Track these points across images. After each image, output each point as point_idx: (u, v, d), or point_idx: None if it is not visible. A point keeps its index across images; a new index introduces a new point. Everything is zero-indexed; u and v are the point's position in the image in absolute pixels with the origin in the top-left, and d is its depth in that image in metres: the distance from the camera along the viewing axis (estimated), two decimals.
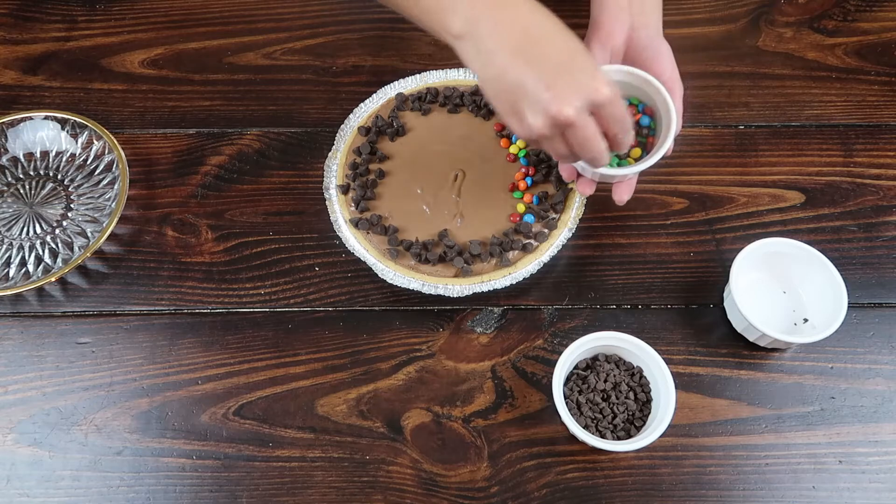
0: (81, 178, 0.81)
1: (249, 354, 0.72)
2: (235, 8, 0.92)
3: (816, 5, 0.90)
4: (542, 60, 0.56)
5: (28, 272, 0.75)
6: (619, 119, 0.58)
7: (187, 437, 0.68)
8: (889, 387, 0.69)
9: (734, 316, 0.70)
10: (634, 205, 0.78)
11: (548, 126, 0.56)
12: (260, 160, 0.82)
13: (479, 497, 0.65)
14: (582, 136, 0.57)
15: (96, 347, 0.72)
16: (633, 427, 0.65)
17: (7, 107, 0.85)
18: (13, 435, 0.69)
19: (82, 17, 0.92)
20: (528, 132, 0.58)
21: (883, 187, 0.78)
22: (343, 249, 0.75)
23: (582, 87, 0.55)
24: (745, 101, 0.84)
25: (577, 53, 0.57)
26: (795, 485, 0.65)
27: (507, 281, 0.71)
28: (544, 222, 0.73)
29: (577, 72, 0.56)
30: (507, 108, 0.58)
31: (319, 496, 0.66)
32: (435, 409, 0.69)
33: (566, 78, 0.55)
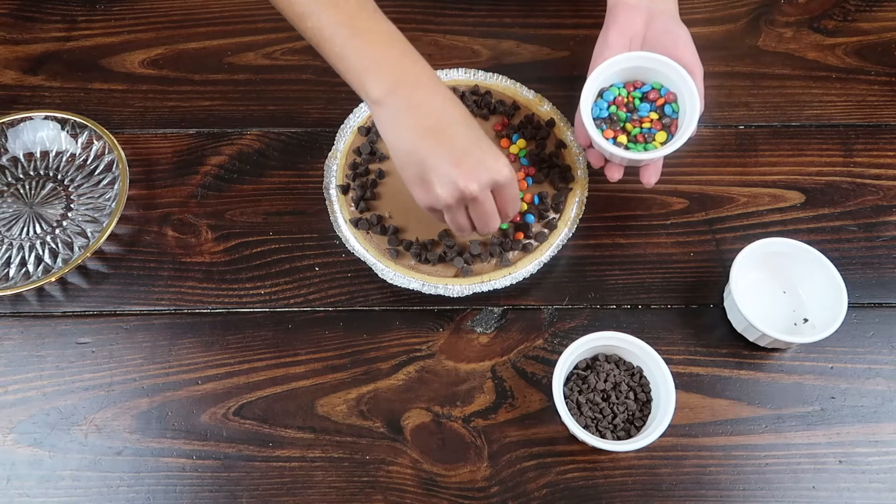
0: (81, 178, 0.81)
1: (249, 354, 0.72)
2: (235, 8, 0.92)
3: (816, 5, 0.90)
4: (452, 142, 0.61)
5: (28, 272, 0.75)
6: (513, 199, 0.64)
7: (187, 437, 0.68)
8: (889, 387, 0.69)
9: (734, 316, 0.70)
10: (634, 205, 0.78)
11: (454, 198, 0.61)
12: (260, 160, 0.82)
13: (479, 497, 0.65)
14: (482, 210, 0.62)
15: (96, 347, 0.72)
16: (633, 427, 0.65)
17: (7, 107, 0.85)
18: (13, 435, 0.69)
19: (82, 17, 0.92)
20: (434, 201, 0.62)
21: (883, 187, 0.78)
22: (343, 249, 0.75)
23: (488, 168, 0.61)
24: (745, 101, 0.84)
25: (482, 139, 0.62)
26: (795, 485, 0.65)
27: (507, 281, 0.71)
28: (544, 222, 0.73)
29: (484, 154, 0.61)
30: (415, 178, 0.62)
31: (319, 496, 0.66)
32: (435, 409, 0.69)
33: (474, 158, 0.61)
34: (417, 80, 0.62)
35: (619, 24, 0.69)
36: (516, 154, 0.77)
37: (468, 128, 0.62)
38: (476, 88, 0.81)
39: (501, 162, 0.61)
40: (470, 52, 0.88)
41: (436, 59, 0.87)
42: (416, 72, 0.63)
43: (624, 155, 0.67)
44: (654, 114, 0.70)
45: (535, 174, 0.76)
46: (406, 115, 0.61)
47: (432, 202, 0.63)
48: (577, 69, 0.75)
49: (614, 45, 0.69)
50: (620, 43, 0.69)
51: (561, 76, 0.84)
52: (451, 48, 0.88)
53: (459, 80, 0.82)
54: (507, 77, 0.82)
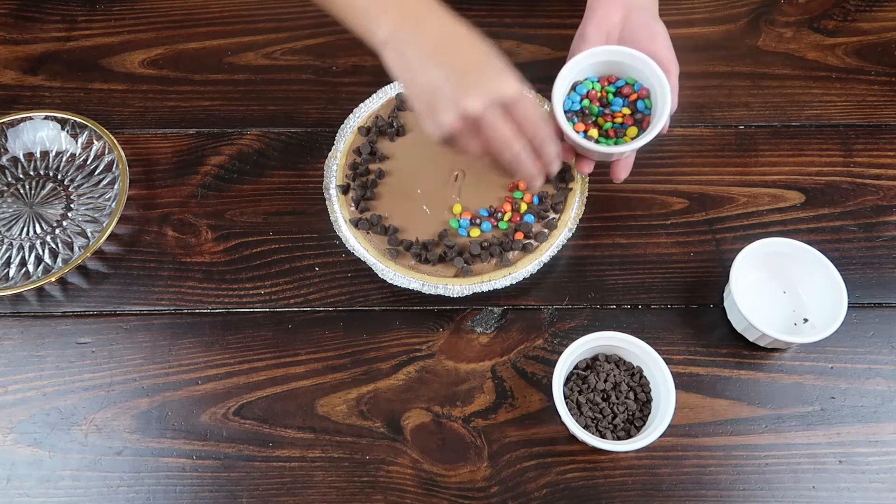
0: (81, 178, 0.81)
1: (249, 354, 0.72)
2: (235, 8, 0.92)
3: (816, 5, 0.90)
4: (454, 63, 0.59)
5: (28, 272, 0.75)
6: (530, 118, 0.60)
7: (187, 437, 0.68)
8: (889, 387, 0.69)
9: (734, 316, 0.70)
10: (634, 205, 0.78)
11: (457, 120, 0.58)
12: (260, 160, 0.82)
13: (479, 497, 0.65)
14: (492, 133, 0.59)
15: (96, 347, 0.72)
16: (633, 427, 0.65)
17: (7, 107, 0.85)
18: (13, 435, 0.69)
19: (82, 17, 0.92)
20: (440, 129, 0.60)
21: (883, 187, 0.78)
22: (343, 249, 0.75)
23: (487, 84, 0.58)
24: (745, 101, 0.84)
25: (487, 58, 0.60)
26: (795, 485, 0.65)
27: (507, 281, 0.71)
28: (544, 222, 0.73)
29: (484, 72, 0.59)
30: (423, 107, 0.60)
31: (319, 496, 0.66)
32: (435, 409, 0.69)
33: (473, 77, 0.58)
34: (418, 13, 0.61)
35: (597, 18, 0.69)
36: None
37: (472, 48, 0.60)
38: None
39: (505, 77, 0.59)
40: None
41: None
42: (416, 6, 0.62)
43: (594, 148, 0.67)
44: (627, 109, 0.69)
45: None
46: (410, 47, 0.60)
47: (440, 132, 0.60)
48: None
49: (591, 39, 0.69)
50: (597, 37, 0.69)
51: None
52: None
53: None
54: None
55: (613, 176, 0.70)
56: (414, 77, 0.60)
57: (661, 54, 0.67)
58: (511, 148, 0.60)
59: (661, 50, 0.68)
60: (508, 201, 0.74)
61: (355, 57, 0.88)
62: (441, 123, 0.59)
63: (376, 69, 0.86)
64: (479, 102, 0.57)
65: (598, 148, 0.67)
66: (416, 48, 0.60)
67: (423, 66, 0.59)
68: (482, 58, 0.60)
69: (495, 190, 0.75)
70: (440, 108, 0.59)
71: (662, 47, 0.68)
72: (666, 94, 0.66)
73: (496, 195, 0.75)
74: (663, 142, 0.81)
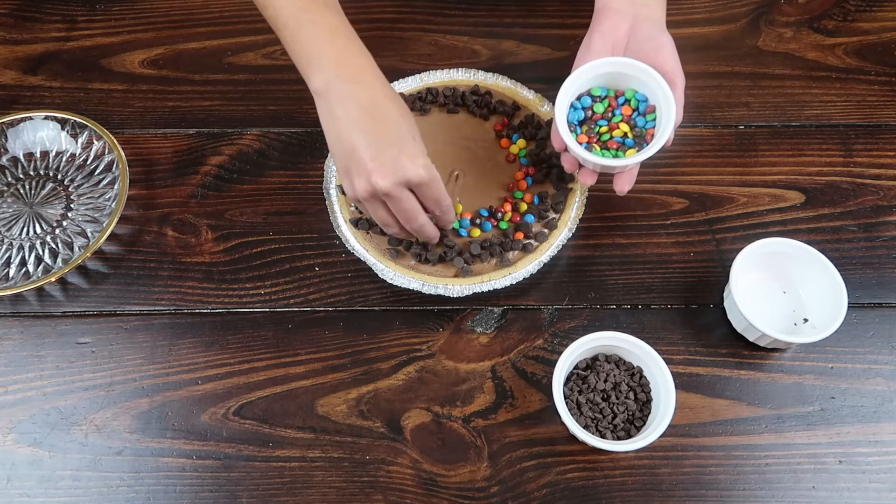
0: (81, 178, 0.81)
1: (249, 354, 0.72)
2: (235, 8, 0.92)
3: (816, 5, 0.90)
4: (376, 135, 0.63)
5: (28, 272, 0.75)
6: (434, 200, 0.65)
7: (187, 437, 0.68)
8: (889, 387, 0.69)
9: (734, 316, 0.70)
10: (634, 205, 0.78)
11: (368, 192, 0.63)
12: (260, 160, 0.82)
13: (479, 497, 0.65)
14: (399, 206, 0.64)
15: (96, 347, 0.72)
16: (633, 427, 0.65)
17: (7, 107, 0.85)
18: (13, 435, 0.69)
19: (82, 17, 0.92)
20: (352, 193, 0.64)
21: (883, 187, 0.78)
22: (343, 249, 0.75)
23: (402, 166, 0.61)
24: (745, 101, 0.84)
25: (407, 136, 0.63)
26: (795, 485, 0.65)
27: (507, 281, 0.71)
28: (544, 222, 0.73)
29: (401, 152, 0.62)
30: (342, 167, 0.65)
31: (319, 496, 0.66)
32: (435, 409, 0.69)
33: (390, 154, 0.62)
34: (355, 73, 0.64)
35: (603, 29, 0.68)
36: (516, 154, 0.77)
37: (396, 123, 0.63)
38: (476, 88, 0.81)
39: (418, 162, 0.62)
40: (470, 52, 0.88)
41: (436, 59, 0.87)
42: (354, 65, 0.65)
43: (596, 160, 0.66)
44: (626, 125, 0.68)
45: (535, 174, 0.76)
46: (339, 106, 0.63)
47: (351, 194, 0.65)
48: None
49: (596, 50, 0.68)
50: (603, 47, 0.68)
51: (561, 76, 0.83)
52: (451, 48, 0.88)
53: (459, 80, 0.82)
54: (507, 77, 0.81)
55: (616, 188, 0.69)
56: (338, 136, 0.64)
57: (668, 67, 0.66)
58: (412, 221, 0.65)
59: (667, 63, 0.67)
60: (508, 201, 0.74)
61: None
62: (354, 188, 0.64)
63: None
64: (387, 182, 0.61)
65: (602, 160, 0.66)
66: (345, 108, 0.63)
67: (347, 128, 0.63)
68: (402, 135, 0.63)
69: (495, 190, 0.75)
70: (355, 175, 0.63)
71: (669, 60, 0.67)
72: (671, 107, 0.65)
73: (496, 195, 0.75)
74: None
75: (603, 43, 0.68)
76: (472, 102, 0.80)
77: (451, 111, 0.80)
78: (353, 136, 0.63)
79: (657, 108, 0.68)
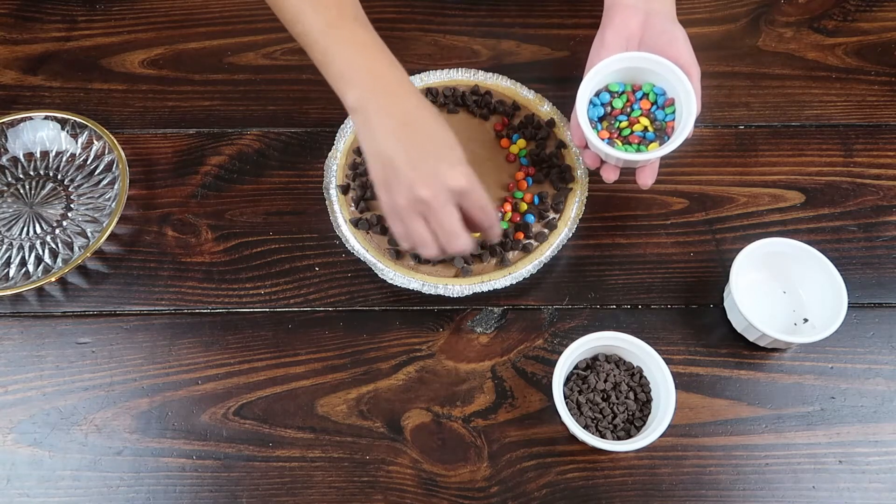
0: (81, 178, 0.81)
1: (249, 354, 0.72)
2: (235, 8, 0.92)
3: (816, 5, 0.90)
4: (415, 145, 0.62)
5: (28, 272, 0.75)
6: (479, 207, 0.63)
7: (187, 437, 0.68)
8: (889, 387, 0.69)
9: (734, 316, 0.70)
10: (634, 205, 0.78)
11: (409, 202, 0.61)
12: (260, 160, 0.82)
13: (479, 497, 0.65)
14: (438, 220, 0.61)
15: (96, 347, 0.72)
16: (633, 427, 0.65)
17: (7, 107, 0.85)
18: (13, 435, 0.69)
19: (82, 17, 0.92)
20: (392, 205, 0.63)
21: (883, 187, 0.78)
22: (343, 249, 0.75)
23: (441, 175, 0.61)
24: (745, 101, 0.84)
25: (446, 145, 0.63)
26: (795, 485, 0.65)
27: (507, 281, 0.71)
28: (544, 222, 0.73)
29: (442, 160, 0.61)
30: (380, 181, 0.63)
31: (319, 496, 0.66)
32: (435, 409, 0.69)
33: (431, 163, 0.61)
34: (389, 86, 0.64)
35: (616, 25, 0.69)
36: (516, 154, 0.77)
37: (434, 133, 0.63)
38: (476, 88, 0.81)
39: (459, 170, 0.61)
40: (470, 52, 0.88)
41: (436, 59, 0.87)
42: (387, 79, 0.64)
43: (619, 156, 0.67)
44: (646, 119, 0.69)
45: (535, 174, 0.76)
46: (376, 119, 0.63)
47: (390, 206, 0.63)
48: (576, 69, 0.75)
49: (611, 46, 0.69)
50: (617, 43, 0.69)
51: (561, 76, 0.84)
52: (451, 48, 0.88)
53: (459, 80, 0.82)
54: (507, 77, 0.81)
55: (640, 182, 0.69)
56: (376, 149, 0.63)
57: (683, 59, 0.67)
58: (453, 240, 0.62)
59: (682, 55, 0.68)
60: (508, 201, 0.74)
61: None
62: (393, 201, 0.62)
63: None
64: (429, 190, 0.60)
65: (624, 155, 0.66)
66: (382, 121, 0.63)
67: (386, 139, 0.62)
68: (440, 145, 0.62)
69: (495, 190, 0.75)
70: (395, 187, 0.62)
71: (683, 51, 0.68)
72: (691, 99, 0.66)
73: (496, 195, 0.75)
74: None
75: (616, 38, 0.68)
76: (471, 102, 0.80)
77: (451, 111, 0.80)
78: (391, 148, 0.62)
79: (676, 101, 0.68)
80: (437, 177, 0.61)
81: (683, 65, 0.67)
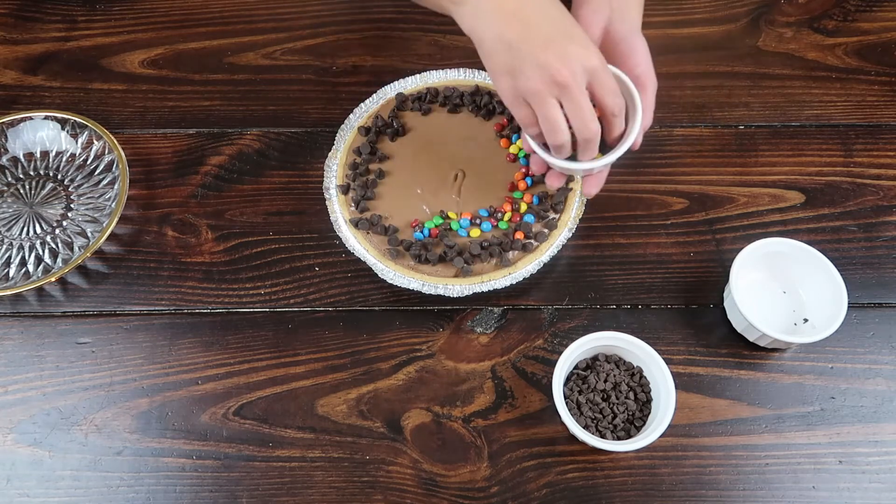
0: (81, 178, 0.81)
1: (249, 354, 0.72)
2: (235, 8, 0.92)
3: (816, 5, 0.90)
4: (539, 25, 0.58)
5: (28, 272, 0.75)
6: (611, 90, 0.60)
7: (187, 437, 0.68)
8: (889, 387, 0.69)
9: (734, 316, 0.70)
10: (634, 205, 0.78)
11: (544, 83, 0.58)
12: (260, 160, 0.82)
13: (479, 497, 0.65)
14: (576, 103, 0.58)
15: (96, 347, 0.72)
16: (633, 427, 0.65)
17: (7, 107, 0.85)
18: (13, 435, 0.69)
19: (82, 17, 0.92)
20: (521, 90, 0.59)
21: (883, 187, 0.78)
22: (343, 249, 0.75)
23: (576, 54, 0.58)
24: (745, 101, 0.84)
25: (571, 25, 0.60)
26: (795, 485, 0.65)
27: (507, 281, 0.71)
28: (544, 222, 0.73)
29: (573, 39, 0.58)
30: (501, 66, 0.60)
31: (319, 496, 0.66)
32: (435, 409, 0.69)
33: (562, 42, 0.58)
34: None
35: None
36: (516, 154, 0.77)
37: (553, 14, 0.60)
38: (476, 89, 0.81)
39: (591, 50, 0.59)
40: (470, 52, 0.86)
41: (436, 59, 0.87)
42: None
43: (562, 165, 0.65)
44: None
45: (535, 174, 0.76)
46: (489, 5, 0.60)
47: (517, 91, 0.60)
48: None
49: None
50: None
51: None
52: (451, 48, 0.88)
53: (459, 80, 0.82)
54: None
55: (585, 191, 0.69)
56: (494, 35, 0.59)
57: (640, 70, 0.66)
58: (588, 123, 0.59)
59: (639, 65, 0.66)
60: (508, 201, 0.74)
61: (355, 57, 0.88)
62: (525, 83, 0.58)
63: (376, 69, 0.87)
64: (568, 70, 0.57)
65: (567, 164, 0.65)
66: (496, 5, 0.59)
67: (505, 23, 0.59)
68: (567, 26, 0.59)
69: (495, 190, 0.75)
70: (525, 68, 0.58)
71: (641, 62, 0.66)
72: (637, 111, 0.64)
73: (496, 195, 0.75)
74: (663, 142, 0.81)
75: None
76: (472, 102, 0.80)
77: (451, 111, 0.80)
78: (513, 29, 0.58)
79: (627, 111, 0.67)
80: (571, 56, 0.57)
81: (640, 75, 0.65)
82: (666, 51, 0.86)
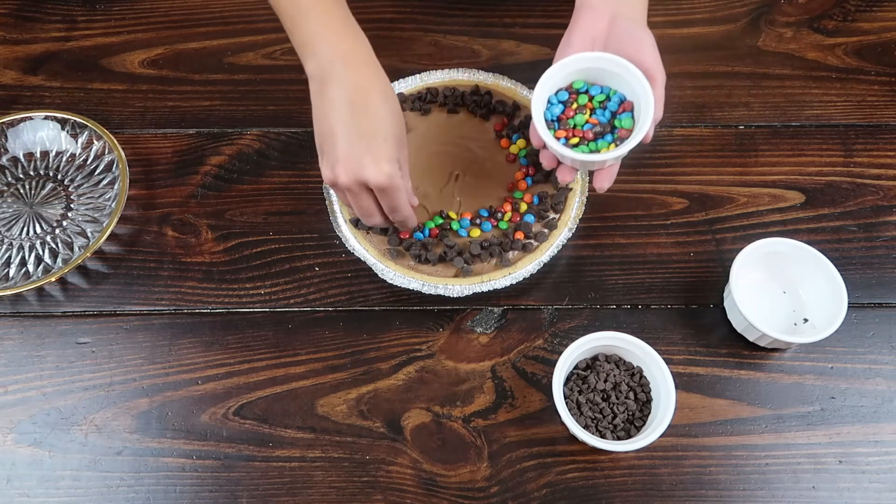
0: (81, 178, 0.81)
1: (249, 354, 0.72)
2: (235, 8, 0.92)
3: (816, 5, 0.90)
4: (352, 126, 0.63)
5: (28, 272, 0.75)
6: (390, 207, 0.65)
7: (187, 437, 0.68)
8: (889, 387, 0.69)
9: (734, 316, 0.70)
10: (634, 205, 0.78)
11: (330, 181, 0.64)
12: (260, 160, 0.82)
13: (479, 497, 0.65)
14: (357, 203, 0.65)
15: (96, 347, 0.72)
16: (633, 427, 0.65)
17: (7, 107, 0.85)
18: (13, 435, 0.69)
19: (82, 17, 0.92)
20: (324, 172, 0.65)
21: (883, 187, 0.78)
22: (343, 249, 0.75)
23: (363, 167, 0.62)
24: (745, 101, 0.84)
25: (380, 135, 0.63)
26: (795, 485, 0.65)
27: (507, 281, 0.71)
28: (544, 222, 0.73)
29: (367, 152, 0.62)
30: (318, 147, 0.66)
31: (319, 496, 0.66)
32: (435, 409, 0.69)
33: (358, 151, 0.62)
34: (347, 60, 0.65)
35: (582, 25, 0.67)
36: (516, 154, 0.77)
37: (374, 117, 0.63)
38: (476, 88, 0.81)
39: (380, 167, 0.62)
40: (470, 52, 0.88)
41: (436, 59, 0.87)
42: (347, 52, 0.65)
43: (574, 157, 0.64)
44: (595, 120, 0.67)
45: (535, 174, 0.76)
46: (329, 87, 0.64)
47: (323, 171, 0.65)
48: None
49: (577, 47, 0.67)
50: (583, 44, 0.67)
51: None
52: (451, 48, 0.88)
53: (459, 80, 0.82)
54: (507, 77, 0.81)
55: (596, 185, 0.68)
56: (324, 117, 0.64)
57: (647, 63, 0.65)
58: (368, 219, 0.67)
59: (647, 59, 0.65)
60: (508, 201, 0.75)
61: None
62: (323, 171, 0.65)
63: None
64: (345, 179, 0.63)
65: (579, 156, 0.64)
66: (332, 92, 0.64)
67: (330, 112, 0.64)
68: (376, 133, 0.63)
69: (495, 190, 0.75)
70: (325, 160, 0.64)
71: (648, 56, 0.66)
72: (649, 103, 0.63)
73: (496, 195, 0.75)
74: (663, 142, 0.81)
75: (582, 39, 0.67)
76: (472, 102, 0.80)
77: (451, 111, 0.80)
78: (332, 122, 0.63)
79: (635, 104, 0.67)
80: (358, 167, 0.62)
81: (648, 69, 0.65)
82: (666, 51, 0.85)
